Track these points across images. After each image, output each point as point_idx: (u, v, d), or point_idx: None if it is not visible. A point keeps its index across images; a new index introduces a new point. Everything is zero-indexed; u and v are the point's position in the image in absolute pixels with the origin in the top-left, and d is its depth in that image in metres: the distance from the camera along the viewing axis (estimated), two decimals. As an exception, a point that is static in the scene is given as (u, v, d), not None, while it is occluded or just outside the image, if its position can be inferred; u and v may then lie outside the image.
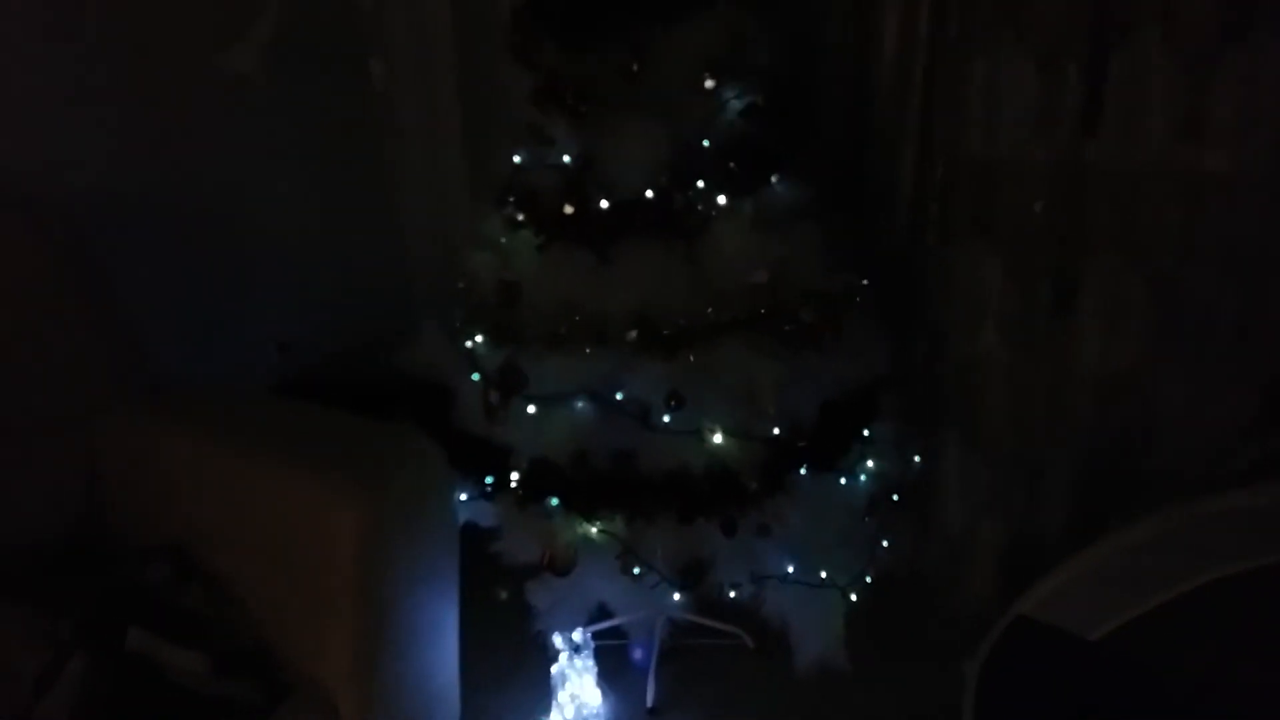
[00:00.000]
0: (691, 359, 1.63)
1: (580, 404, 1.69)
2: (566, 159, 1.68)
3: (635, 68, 1.61)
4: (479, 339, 1.81)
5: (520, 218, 1.73)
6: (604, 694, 1.95)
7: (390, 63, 2.33)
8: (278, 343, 2.36)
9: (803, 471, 1.70)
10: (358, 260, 2.42)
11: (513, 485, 1.74)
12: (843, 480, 1.78)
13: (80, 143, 1.95)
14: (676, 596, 1.73)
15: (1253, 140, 1.79)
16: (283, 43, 2.24)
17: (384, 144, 2.39)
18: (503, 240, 1.77)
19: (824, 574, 1.75)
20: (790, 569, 1.74)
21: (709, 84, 1.64)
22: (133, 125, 2.04)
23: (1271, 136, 1.77)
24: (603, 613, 1.92)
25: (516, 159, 1.74)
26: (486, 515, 1.82)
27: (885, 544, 1.89)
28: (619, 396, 1.68)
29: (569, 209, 1.65)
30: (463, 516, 1.79)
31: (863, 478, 1.81)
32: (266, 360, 2.35)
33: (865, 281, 1.80)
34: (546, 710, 1.93)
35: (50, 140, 1.91)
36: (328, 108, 2.36)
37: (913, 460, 1.92)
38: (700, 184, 1.66)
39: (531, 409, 1.71)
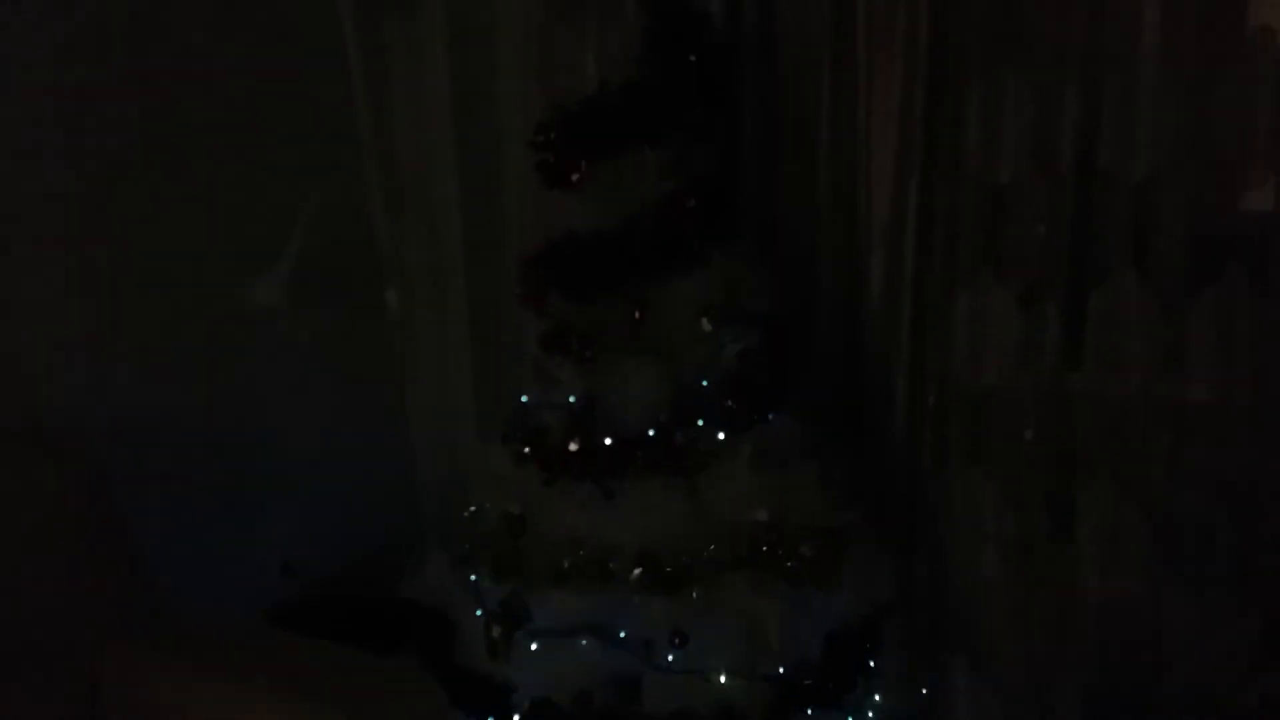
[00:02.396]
0: (695, 596, 1.65)
1: (584, 641, 1.69)
2: (572, 399, 1.75)
3: (637, 315, 1.70)
4: (483, 571, 1.82)
5: (527, 452, 1.77)
6: None
7: (406, 294, 2.44)
8: (282, 563, 2.37)
9: (810, 711, 1.67)
10: (366, 485, 2.45)
11: (515, 726, 1.72)
12: (850, 718, 1.75)
13: (99, 373, 2.02)
14: None
15: (1232, 373, 1.86)
16: (304, 274, 2.35)
17: (397, 373, 2.47)
18: (509, 474, 1.81)
19: (835, 817, 1.70)
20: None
21: (707, 328, 1.73)
22: (147, 350, 2.11)
23: (1248, 371, 1.84)
24: None
25: (524, 398, 1.81)
26: (488, 755, 1.78)
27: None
28: (623, 634, 1.68)
29: (574, 446, 1.70)
30: (463, 757, 1.76)
31: (870, 714, 1.78)
32: (271, 579, 2.35)
33: (864, 512, 1.83)
34: None
35: (70, 366, 1.97)
36: (343, 335, 2.45)
37: (920, 691, 1.89)
38: (700, 422, 1.71)
39: (534, 646, 1.71)
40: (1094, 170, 1.90)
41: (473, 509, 1.87)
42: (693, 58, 1.75)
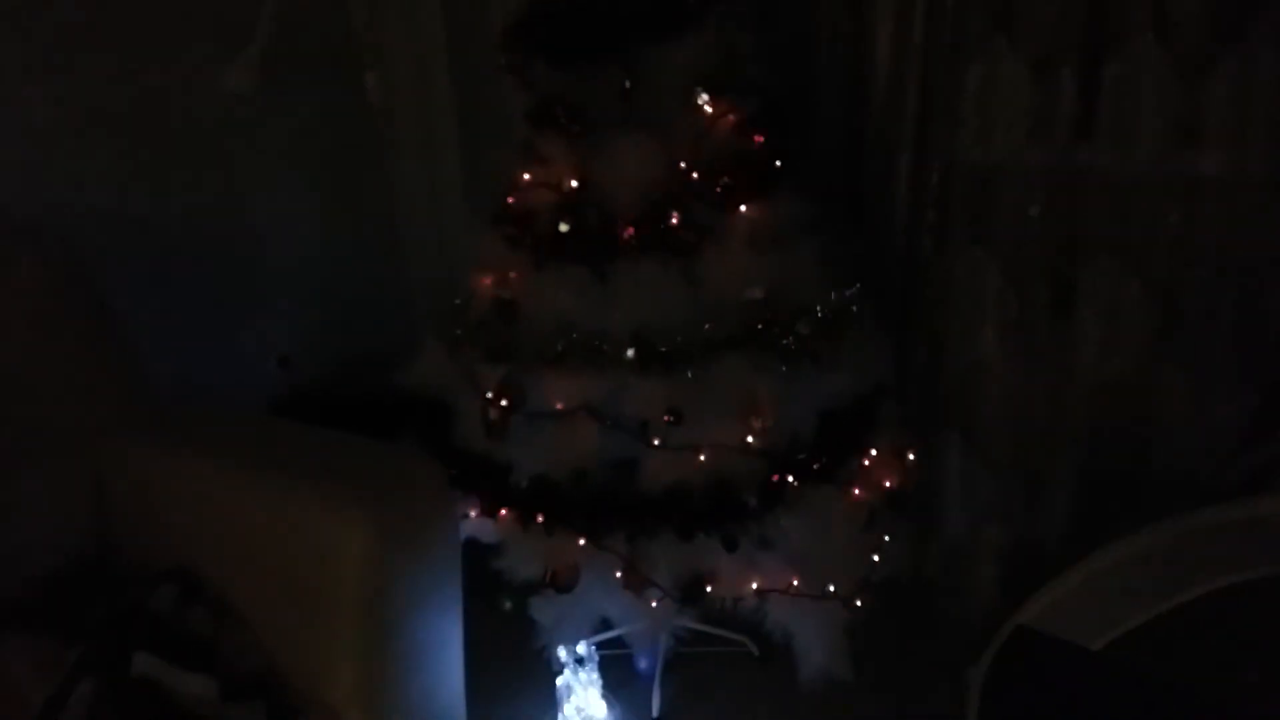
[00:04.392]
0: (690, 375, 1.64)
1: (580, 421, 1.69)
2: (562, 177, 1.68)
3: (628, 85, 1.61)
4: (478, 356, 1.81)
5: (517, 236, 1.73)
6: (609, 705, 1.96)
7: (386, 77, 2.33)
8: (278, 356, 2.37)
9: (802, 484, 1.70)
10: (357, 274, 2.43)
11: (514, 502, 1.75)
12: (843, 491, 1.78)
13: (80, 164, 1.97)
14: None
15: (1248, 144, 1.79)
16: (279, 59, 2.24)
17: (382, 158, 2.40)
18: (500, 259, 1.77)
19: (827, 586, 1.76)
20: (793, 582, 1.74)
21: (702, 100, 1.64)
22: (131, 145, 2.05)
23: (1266, 140, 1.77)
24: (607, 623, 1.93)
25: (512, 177, 1.74)
26: (488, 532, 1.82)
27: (887, 552, 1.89)
28: (618, 413, 1.68)
29: (564, 227, 1.65)
30: (464, 533, 1.80)
31: (862, 488, 1.81)
32: (267, 373, 2.36)
33: (862, 292, 1.80)
34: (553, 722, 1.95)
35: (50, 163, 1.92)
36: (325, 122, 2.37)
37: (913, 468, 1.92)
38: (695, 200, 1.65)
39: (531, 426, 1.72)
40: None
41: (465, 294, 1.84)
42: None
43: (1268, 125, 1.76)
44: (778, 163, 1.70)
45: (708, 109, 1.65)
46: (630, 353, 1.63)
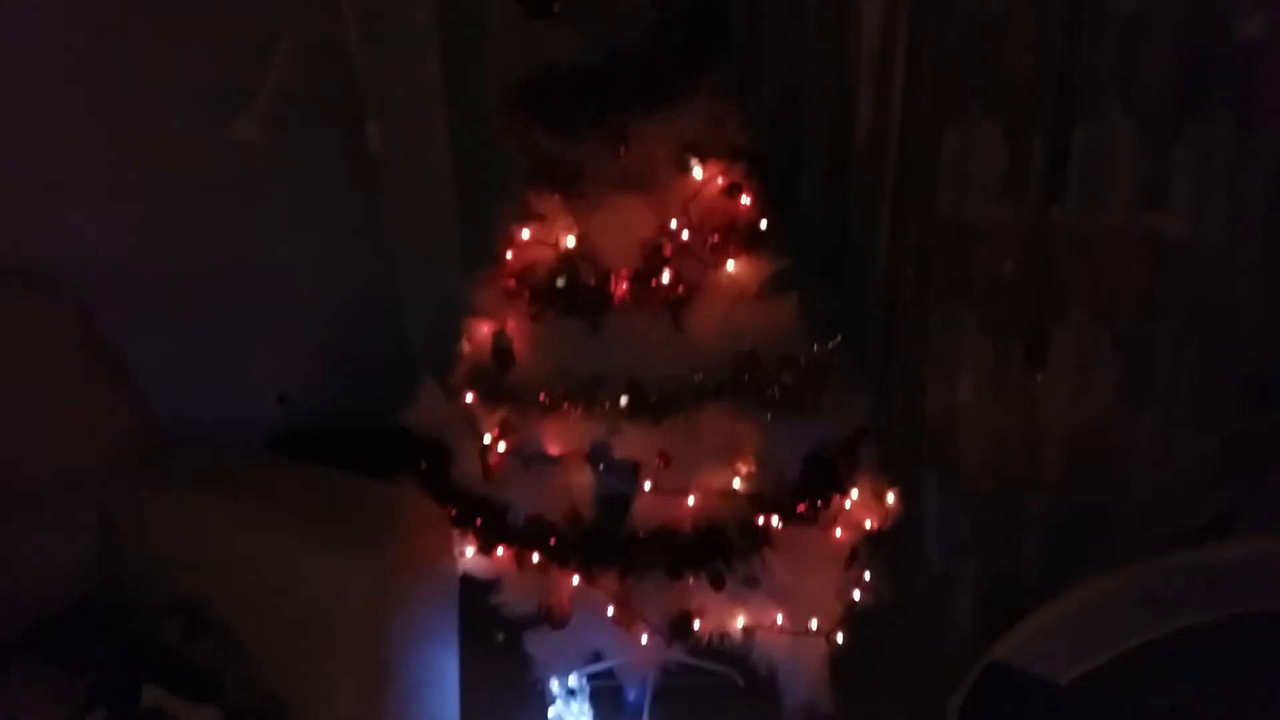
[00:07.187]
0: (679, 422, 1.71)
1: (574, 465, 1.77)
2: (558, 235, 1.76)
3: (622, 150, 1.70)
4: (476, 400, 1.88)
5: (514, 289, 1.81)
6: (600, 735, 2.02)
7: (387, 126, 2.41)
8: (277, 393, 2.43)
9: (786, 525, 1.77)
10: (356, 315, 2.49)
11: (510, 541, 1.82)
12: (825, 531, 1.85)
13: (84, 209, 2.02)
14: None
15: (1209, 206, 1.89)
16: (284, 107, 2.31)
17: (381, 205, 2.47)
18: (497, 308, 1.85)
19: (809, 622, 1.83)
20: (777, 618, 1.81)
21: (692, 164, 1.73)
22: (135, 190, 2.11)
23: (1227, 203, 1.87)
24: (598, 656, 1.99)
25: (510, 233, 1.82)
26: (485, 568, 1.89)
27: (868, 588, 1.96)
28: (611, 457, 1.76)
29: (561, 282, 1.73)
30: (461, 569, 1.86)
31: (844, 528, 1.88)
32: (266, 410, 2.42)
33: (844, 342, 1.88)
34: (545, 753, 2.00)
35: (54, 209, 1.98)
36: (326, 168, 2.44)
37: (893, 508, 1.99)
38: (685, 258, 1.74)
39: (528, 469, 1.79)
40: (1084, 1, 1.88)
41: (464, 341, 1.91)
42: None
43: (1227, 190, 1.86)
44: (763, 222, 1.79)
45: (697, 172, 1.73)
46: (623, 401, 1.71)
